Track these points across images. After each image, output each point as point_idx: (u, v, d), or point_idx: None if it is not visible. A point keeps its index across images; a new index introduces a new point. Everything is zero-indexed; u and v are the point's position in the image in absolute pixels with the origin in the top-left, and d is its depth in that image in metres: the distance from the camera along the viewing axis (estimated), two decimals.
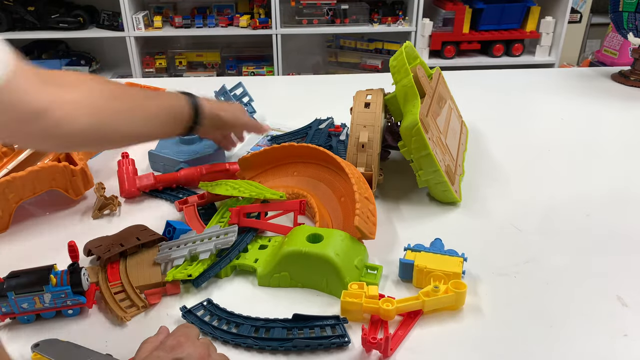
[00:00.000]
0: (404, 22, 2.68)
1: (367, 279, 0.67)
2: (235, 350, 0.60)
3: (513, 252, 0.75)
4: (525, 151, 1.06)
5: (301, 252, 0.66)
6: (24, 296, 0.61)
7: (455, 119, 1.02)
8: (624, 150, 1.07)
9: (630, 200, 0.89)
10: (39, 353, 0.57)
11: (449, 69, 1.50)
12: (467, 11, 2.64)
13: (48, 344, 0.58)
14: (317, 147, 0.84)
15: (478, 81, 1.49)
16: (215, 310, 0.64)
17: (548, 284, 0.69)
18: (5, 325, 0.63)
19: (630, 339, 0.61)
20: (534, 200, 0.89)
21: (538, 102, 1.33)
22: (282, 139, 1.08)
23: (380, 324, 0.62)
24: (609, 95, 1.36)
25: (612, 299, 0.66)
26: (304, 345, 0.59)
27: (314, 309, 0.64)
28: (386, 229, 0.80)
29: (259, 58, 2.88)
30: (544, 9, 2.71)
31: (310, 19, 2.66)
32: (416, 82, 0.86)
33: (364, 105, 0.88)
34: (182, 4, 2.82)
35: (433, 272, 0.66)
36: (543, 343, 0.60)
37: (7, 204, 0.79)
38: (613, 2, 1.45)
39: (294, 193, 0.83)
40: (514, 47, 2.74)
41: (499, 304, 0.66)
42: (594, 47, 3.02)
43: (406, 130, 0.80)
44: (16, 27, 2.61)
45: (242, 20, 2.67)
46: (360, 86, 0.96)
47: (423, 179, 0.84)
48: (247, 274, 0.71)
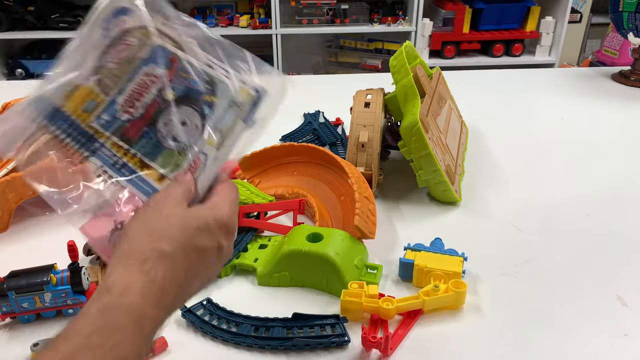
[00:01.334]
0: (404, 22, 2.68)
1: (367, 278, 0.67)
2: (235, 350, 0.60)
3: (513, 252, 0.75)
4: (525, 151, 1.06)
5: (301, 251, 0.66)
6: (24, 296, 0.61)
7: (455, 118, 1.02)
8: (624, 150, 1.06)
9: (630, 200, 0.89)
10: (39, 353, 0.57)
11: (449, 68, 1.50)
12: (467, 11, 2.64)
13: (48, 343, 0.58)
14: (317, 146, 0.84)
15: (478, 81, 1.49)
16: (215, 310, 0.64)
17: (548, 284, 0.69)
18: (5, 325, 0.63)
19: (630, 339, 0.60)
20: (534, 200, 0.89)
21: (538, 102, 1.33)
22: (292, 136, 1.10)
23: (380, 323, 0.62)
24: (609, 95, 1.36)
25: (612, 298, 0.66)
26: (303, 344, 0.59)
27: (314, 308, 0.64)
28: (386, 229, 0.80)
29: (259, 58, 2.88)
30: (544, 9, 2.71)
31: (310, 18, 2.66)
32: (416, 81, 0.86)
33: (364, 105, 0.89)
34: (181, 3, 2.82)
35: (433, 272, 0.66)
36: (543, 343, 0.60)
37: (7, 204, 0.79)
38: (613, 2, 1.45)
39: (294, 192, 0.83)
40: (514, 47, 2.74)
41: (499, 303, 0.66)
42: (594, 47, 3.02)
43: (406, 129, 0.80)
44: (16, 27, 2.60)
45: (242, 20, 2.68)
46: (360, 86, 0.96)
47: (423, 178, 0.84)
48: (247, 274, 0.71)
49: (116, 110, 0.48)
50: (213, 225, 0.44)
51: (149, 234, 0.41)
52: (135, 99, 0.48)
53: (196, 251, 0.42)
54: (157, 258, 0.40)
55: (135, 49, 0.48)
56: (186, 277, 0.42)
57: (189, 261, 0.42)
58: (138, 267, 0.39)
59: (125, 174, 0.47)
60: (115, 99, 0.48)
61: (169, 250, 0.41)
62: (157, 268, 0.40)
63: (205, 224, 0.43)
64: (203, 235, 0.43)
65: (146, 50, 0.48)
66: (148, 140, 0.48)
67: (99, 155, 0.47)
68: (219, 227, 0.44)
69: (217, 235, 0.44)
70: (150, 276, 0.39)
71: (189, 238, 0.42)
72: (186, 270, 0.42)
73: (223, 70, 0.50)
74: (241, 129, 0.49)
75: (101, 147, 0.47)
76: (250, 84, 0.50)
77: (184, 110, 0.48)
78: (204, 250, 0.43)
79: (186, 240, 0.42)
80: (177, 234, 0.42)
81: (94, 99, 0.48)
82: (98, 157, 0.47)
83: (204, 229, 0.43)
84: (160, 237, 0.41)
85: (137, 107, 0.48)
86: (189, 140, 0.48)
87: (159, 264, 0.40)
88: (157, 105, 0.48)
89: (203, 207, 0.45)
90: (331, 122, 1.15)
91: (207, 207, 0.45)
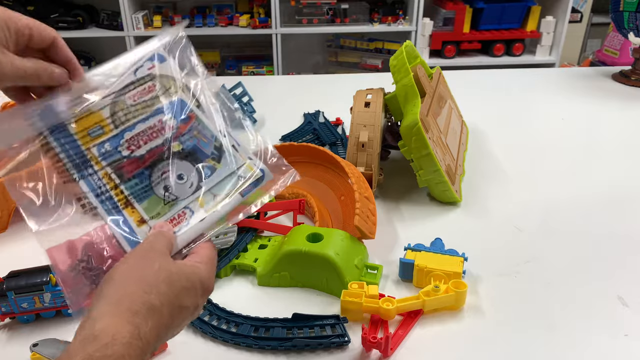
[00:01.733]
0: (404, 22, 2.68)
1: (367, 278, 0.67)
2: (235, 350, 0.60)
3: (513, 252, 0.75)
4: (526, 151, 1.06)
5: (301, 251, 0.66)
6: (23, 296, 0.61)
7: (455, 118, 1.02)
8: (624, 150, 1.06)
9: (630, 200, 0.89)
10: (38, 353, 0.57)
11: (449, 68, 1.50)
12: (467, 11, 2.64)
13: (47, 343, 0.58)
14: (317, 146, 0.84)
15: (478, 81, 1.49)
16: (215, 310, 0.64)
17: (548, 284, 0.69)
18: (5, 325, 0.63)
19: (631, 338, 0.60)
20: (534, 200, 0.88)
21: (538, 102, 1.33)
22: (292, 136, 1.10)
23: (380, 323, 0.62)
24: (610, 95, 1.36)
25: (613, 299, 0.66)
26: (303, 344, 0.59)
27: (314, 309, 0.64)
28: (386, 229, 0.80)
29: (259, 58, 2.88)
30: (545, 9, 2.71)
31: (310, 18, 2.66)
32: (416, 81, 0.86)
33: (364, 105, 0.88)
34: (181, 3, 2.82)
35: (433, 272, 0.66)
36: (543, 343, 0.60)
37: (7, 204, 0.79)
38: (614, 1, 1.45)
39: (294, 193, 0.83)
40: (514, 46, 2.74)
41: (499, 304, 0.66)
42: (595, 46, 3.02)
43: (406, 129, 0.80)
44: None
45: (242, 19, 2.67)
46: (360, 86, 0.96)
47: (423, 178, 0.83)
48: (247, 274, 0.71)
49: (120, 143, 0.48)
50: (198, 286, 0.44)
51: (141, 286, 0.41)
52: (142, 139, 0.48)
53: (179, 309, 0.43)
54: (147, 311, 0.40)
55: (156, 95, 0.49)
56: (166, 332, 0.42)
57: (171, 317, 0.42)
58: (128, 318, 0.39)
59: (108, 207, 0.47)
60: (123, 133, 0.48)
61: (158, 305, 0.41)
62: (146, 322, 0.40)
63: (192, 283, 0.44)
64: (188, 294, 0.43)
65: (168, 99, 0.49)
66: (140, 182, 0.48)
67: (88, 181, 0.47)
68: (202, 288, 0.45)
69: (199, 296, 0.45)
70: (139, 329, 0.39)
71: (177, 296, 0.42)
72: (167, 326, 0.42)
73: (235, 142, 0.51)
74: (236, 201, 0.50)
75: (93, 174, 0.47)
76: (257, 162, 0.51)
77: (184, 166, 0.49)
78: (186, 308, 0.44)
79: (173, 298, 0.42)
80: (166, 290, 0.42)
81: (102, 126, 0.48)
82: (86, 183, 0.47)
83: (189, 289, 0.43)
84: (151, 291, 0.41)
85: (142, 147, 0.48)
86: (180, 193, 0.49)
87: (149, 317, 0.40)
88: (161, 152, 0.48)
89: (189, 265, 0.45)
90: (331, 122, 1.15)
91: (193, 266, 0.45)
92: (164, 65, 0.50)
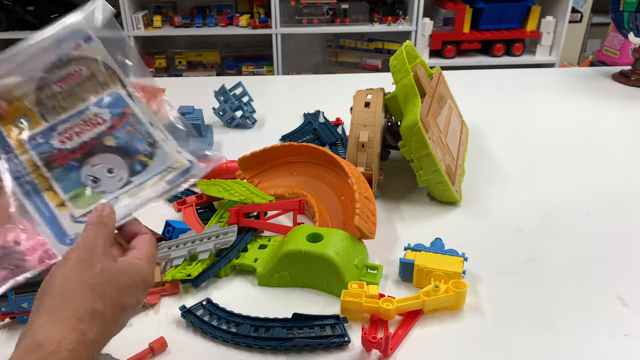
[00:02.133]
0: (404, 22, 2.68)
1: (367, 278, 0.67)
2: (235, 350, 0.60)
3: (513, 252, 0.75)
4: (526, 151, 1.06)
5: (301, 251, 0.66)
6: (23, 296, 0.61)
7: (455, 118, 1.02)
8: (624, 150, 1.06)
9: (630, 200, 0.89)
10: None
11: (449, 68, 1.50)
12: (467, 11, 2.64)
13: None
14: (317, 146, 0.84)
15: (478, 81, 1.49)
16: (215, 310, 0.64)
17: (548, 284, 0.69)
18: (5, 325, 0.63)
19: (631, 338, 0.60)
20: (534, 200, 0.88)
21: (538, 102, 1.33)
22: (292, 136, 1.10)
23: (380, 323, 0.62)
24: (610, 95, 1.36)
25: (613, 299, 0.66)
26: (303, 344, 0.59)
27: (314, 309, 0.64)
28: (386, 229, 0.80)
29: (259, 58, 2.88)
30: (545, 9, 2.71)
31: (310, 18, 2.66)
32: (416, 81, 0.86)
33: (364, 105, 0.88)
34: (181, 3, 2.82)
35: (433, 272, 0.66)
36: (543, 343, 0.60)
37: None
38: (614, 1, 1.45)
39: (294, 192, 0.83)
40: (514, 46, 2.74)
41: (499, 304, 0.66)
42: (595, 46, 3.02)
43: (406, 129, 0.80)
44: (16, 27, 2.61)
45: (242, 19, 2.67)
46: (360, 86, 0.96)
47: (423, 178, 0.83)
48: (247, 274, 0.71)
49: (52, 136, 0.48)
50: (140, 283, 0.44)
51: (83, 291, 0.41)
52: (75, 132, 0.48)
53: (122, 309, 0.43)
54: (91, 316, 0.40)
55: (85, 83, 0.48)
56: (110, 334, 0.42)
57: (115, 318, 0.42)
58: (73, 325, 0.39)
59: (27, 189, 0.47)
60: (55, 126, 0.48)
61: (102, 309, 0.40)
62: (92, 327, 0.39)
63: (134, 281, 0.44)
64: (130, 292, 0.43)
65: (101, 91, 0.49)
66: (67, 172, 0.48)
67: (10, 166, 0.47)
68: (144, 284, 0.45)
69: (141, 292, 0.45)
70: (85, 335, 0.39)
71: (120, 297, 0.42)
72: (111, 328, 0.42)
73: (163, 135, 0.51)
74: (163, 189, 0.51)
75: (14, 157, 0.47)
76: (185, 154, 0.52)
77: (116, 160, 0.49)
78: (129, 306, 0.44)
79: (116, 299, 0.42)
80: (110, 292, 0.42)
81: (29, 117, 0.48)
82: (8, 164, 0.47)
83: (131, 286, 0.44)
84: (95, 295, 0.41)
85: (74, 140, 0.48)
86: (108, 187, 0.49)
87: (93, 322, 0.40)
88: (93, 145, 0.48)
89: (130, 263, 0.45)
90: (331, 122, 1.15)
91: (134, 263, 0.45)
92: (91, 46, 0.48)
